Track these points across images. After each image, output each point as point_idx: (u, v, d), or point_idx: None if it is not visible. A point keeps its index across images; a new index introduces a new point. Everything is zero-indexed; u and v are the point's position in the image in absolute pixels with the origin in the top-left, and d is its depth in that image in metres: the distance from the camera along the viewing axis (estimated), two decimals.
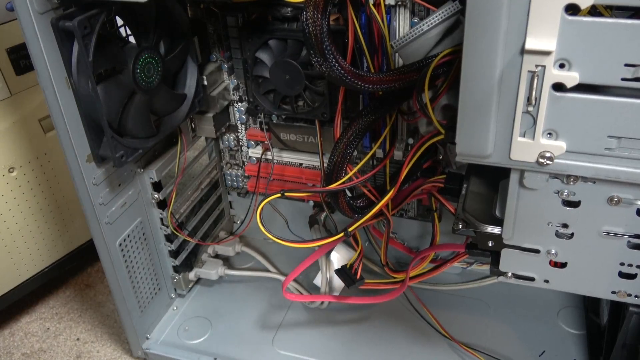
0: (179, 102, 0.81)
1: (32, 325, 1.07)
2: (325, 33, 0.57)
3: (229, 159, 1.01)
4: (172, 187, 0.89)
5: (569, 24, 0.42)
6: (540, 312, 0.92)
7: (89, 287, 1.15)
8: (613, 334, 0.71)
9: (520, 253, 0.58)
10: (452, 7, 0.58)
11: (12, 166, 0.94)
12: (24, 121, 0.94)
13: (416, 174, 0.75)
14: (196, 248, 1.01)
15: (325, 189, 0.72)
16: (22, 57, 0.92)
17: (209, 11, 0.83)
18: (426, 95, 0.58)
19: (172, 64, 0.78)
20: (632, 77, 0.43)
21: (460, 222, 0.60)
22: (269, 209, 1.04)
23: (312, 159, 0.92)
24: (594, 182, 0.50)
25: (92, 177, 0.75)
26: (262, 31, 0.77)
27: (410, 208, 0.97)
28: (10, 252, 0.99)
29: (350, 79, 0.60)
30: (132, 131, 0.73)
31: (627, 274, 0.56)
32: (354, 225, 0.74)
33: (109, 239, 0.81)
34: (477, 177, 0.63)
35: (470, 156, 0.51)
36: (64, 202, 1.04)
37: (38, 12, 0.62)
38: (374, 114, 0.68)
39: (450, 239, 0.89)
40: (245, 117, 0.93)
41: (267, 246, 1.09)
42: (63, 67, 0.66)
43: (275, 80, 0.78)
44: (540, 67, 0.44)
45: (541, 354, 0.86)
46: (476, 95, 0.47)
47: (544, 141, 0.48)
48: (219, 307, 0.99)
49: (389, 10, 0.72)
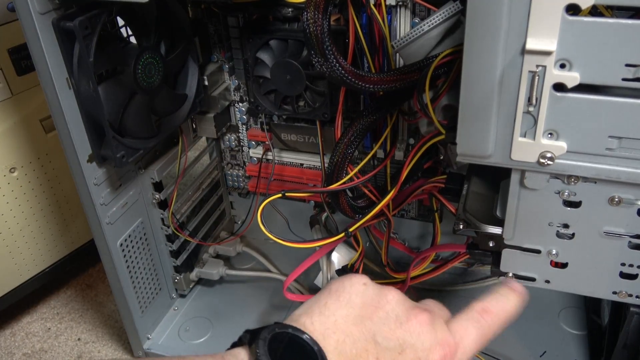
0: (180, 103, 0.81)
1: (33, 325, 1.07)
2: (326, 33, 0.57)
3: (230, 159, 1.01)
4: (173, 187, 0.89)
5: (569, 24, 0.42)
6: (541, 313, 0.92)
7: (90, 287, 1.15)
8: (614, 335, 0.71)
9: (521, 253, 0.58)
10: (452, 8, 0.58)
11: (13, 166, 0.94)
12: (25, 121, 0.94)
13: (417, 174, 0.75)
14: (197, 248, 1.01)
15: (326, 189, 0.72)
16: (24, 58, 0.92)
17: (210, 11, 0.83)
18: (427, 95, 0.58)
19: (173, 64, 0.78)
20: (633, 77, 0.43)
21: (461, 223, 0.60)
22: (269, 209, 1.04)
23: (312, 159, 0.92)
24: (595, 182, 0.50)
25: (93, 177, 0.75)
26: (263, 31, 0.77)
27: (411, 208, 0.96)
28: (11, 252, 0.99)
29: (351, 79, 0.60)
30: (133, 131, 0.73)
31: (628, 274, 0.56)
32: (355, 226, 0.74)
33: (110, 239, 0.81)
34: (478, 177, 0.63)
35: (471, 156, 0.51)
36: (65, 202, 1.04)
37: (39, 12, 0.62)
38: (374, 114, 0.68)
39: (451, 239, 0.89)
40: (246, 118, 0.93)
41: (268, 246, 1.09)
42: (64, 67, 0.66)
43: (276, 80, 0.78)
44: (541, 67, 0.44)
45: (542, 354, 0.86)
46: (477, 96, 0.47)
47: (545, 141, 0.48)
48: (219, 307, 0.99)
49: (389, 10, 0.72)
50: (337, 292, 0.50)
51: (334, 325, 0.48)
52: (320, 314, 0.49)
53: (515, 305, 0.53)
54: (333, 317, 0.48)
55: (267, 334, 0.46)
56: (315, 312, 0.49)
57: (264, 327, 0.47)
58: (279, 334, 0.46)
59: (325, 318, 0.48)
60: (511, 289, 0.53)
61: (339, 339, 0.47)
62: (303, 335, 0.46)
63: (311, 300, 0.51)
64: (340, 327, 0.48)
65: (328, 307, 0.49)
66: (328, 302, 0.50)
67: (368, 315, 0.49)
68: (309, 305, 0.51)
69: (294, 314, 0.50)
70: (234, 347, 0.48)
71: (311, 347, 0.46)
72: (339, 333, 0.47)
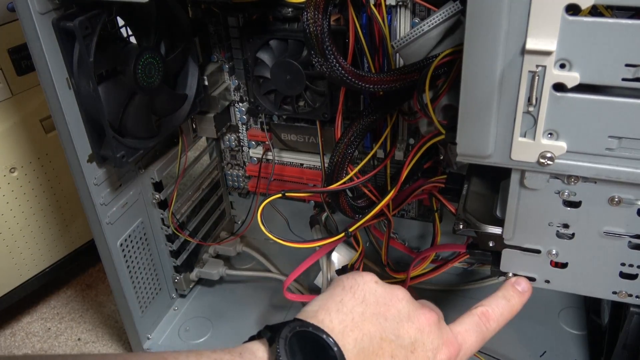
0: (180, 103, 0.81)
1: (33, 325, 1.07)
2: (326, 33, 0.57)
3: (230, 159, 1.01)
4: (173, 187, 0.89)
5: (569, 24, 0.42)
6: (541, 313, 0.92)
7: (90, 287, 1.15)
8: (614, 335, 0.71)
9: (521, 253, 0.58)
10: (452, 8, 0.58)
11: (13, 166, 0.94)
12: (25, 121, 0.94)
13: (417, 174, 0.75)
14: (197, 248, 1.01)
15: (326, 189, 0.72)
16: (24, 58, 0.92)
17: (210, 11, 0.83)
18: (427, 95, 0.58)
19: (173, 64, 0.78)
20: (633, 77, 0.43)
21: (461, 223, 0.60)
22: (269, 209, 1.04)
23: (312, 159, 0.92)
24: (595, 182, 0.50)
25: (93, 177, 0.75)
26: (262, 31, 0.77)
27: (411, 208, 0.97)
28: (11, 252, 0.99)
29: (351, 79, 0.60)
30: (133, 131, 0.73)
31: (628, 274, 0.56)
32: (355, 226, 0.74)
33: (110, 239, 0.81)
34: (478, 177, 0.63)
35: (471, 156, 0.51)
36: (65, 202, 1.04)
37: (39, 12, 0.62)
38: (374, 114, 0.68)
39: (451, 239, 0.89)
40: (246, 118, 0.93)
41: (268, 246, 1.09)
42: (64, 67, 0.66)
43: (276, 80, 0.78)
44: (541, 67, 0.44)
45: (542, 354, 0.86)
46: (477, 96, 0.47)
47: (545, 141, 0.48)
48: (219, 307, 0.99)
49: (389, 10, 0.72)
50: (352, 289, 0.51)
51: (352, 322, 0.48)
52: (338, 311, 0.49)
53: (517, 307, 0.54)
54: (351, 314, 0.49)
55: (289, 332, 0.46)
56: (332, 309, 0.49)
57: (285, 323, 0.47)
58: (300, 332, 0.47)
59: (344, 315, 0.49)
60: (516, 290, 0.54)
61: (357, 337, 0.48)
62: (323, 335, 0.47)
63: (325, 296, 0.52)
64: (357, 325, 0.48)
65: (345, 304, 0.50)
66: (344, 299, 0.50)
67: (382, 313, 0.49)
68: (324, 301, 0.51)
69: (309, 310, 0.51)
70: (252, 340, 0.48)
71: (331, 348, 0.46)
72: (357, 331, 0.48)
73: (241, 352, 0.46)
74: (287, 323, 0.47)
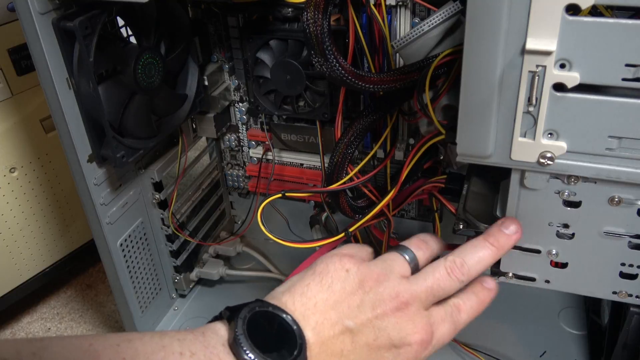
0: (180, 103, 0.81)
1: (33, 325, 1.07)
2: (326, 33, 0.57)
3: (230, 159, 1.01)
4: (173, 187, 0.89)
5: (569, 24, 0.42)
6: (541, 313, 0.92)
7: (90, 287, 1.15)
8: (614, 335, 0.71)
9: (521, 253, 0.58)
10: (452, 8, 0.58)
11: (13, 166, 0.94)
12: (25, 121, 0.94)
13: (417, 174, 0.75)
14: (197, 248, 1.01)
15: (326, 189, 0.72)
16: (24, 58, 0.92)
17: (210, 11, 0.83)
18: (427, 95, 0.58)
19: (173, 64, 0.78)
20: (633, 77, 0.43)
21: (461, 223, 0.60)
22: (269, 209, 1.04)
23: (312, 159, 0.92)
24: (595, 182, 0.50)
25: (93, 177, 0.75)
26: (263, 31, 0.77)
27: (411, 208, 0.96)
28: (11, 252, 0.99)
29: (351, 79, 0.60)
30: (133, 131, 0.74)
31: (628, 274, 0.56)
32: (355, 226, 0.73)
33: (110, 239, 0.81)
34: (478, 177, 0.63)
35: (471, 156, 0.51)
36: (65, 202, 1.04)
37: (39, 12, 0.62)
38: (374, 114, 0.68)
39: (451, 239, 0.89)
40: (246, 118, 0.93)
41: (268, 246, 1.09)
42: (64, 67, 0.66)
43: (276, 80, 0.78)
44: (541, 67, 0.44)
45: (542, 354, 0.86)
46: (477, 96, 0.47)
47: (545, 141, 0.48)
48: (220, 307, 0.98)
49: (389, 10, 0.72)
50: (320, 275, 0.53)
51: (314, 307, 0.50)
52: (302, 295, 0.51)
53: (485, 302, 0.56)
54: (314, 299, 0.51)
55: (247, 312, 0.48)
56: (297, 292, 0.51)
57: (245, 304, 0.49)
58: (259, 312, 0.49)
59: (307, 299, 0.51)
60: (483, 286, 0.57)
61: (318, 320, 0.50)
62: (283, 314, 0.49)
63: (295, 278, 0.54)
64: (319, 310, 0.50)
65: (310, 289, 0.52)
66: (311, 283, 0.52)
67: (346, 301, 0.51)
68: (292, 284, 0.53)
69: (277, 291, 0.53)
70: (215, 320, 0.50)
71: (290, 327, 0.48)
72: (318, 315, 0.50)
73: (204, 332, 0.49)
74: (248, 304, 0.49)
